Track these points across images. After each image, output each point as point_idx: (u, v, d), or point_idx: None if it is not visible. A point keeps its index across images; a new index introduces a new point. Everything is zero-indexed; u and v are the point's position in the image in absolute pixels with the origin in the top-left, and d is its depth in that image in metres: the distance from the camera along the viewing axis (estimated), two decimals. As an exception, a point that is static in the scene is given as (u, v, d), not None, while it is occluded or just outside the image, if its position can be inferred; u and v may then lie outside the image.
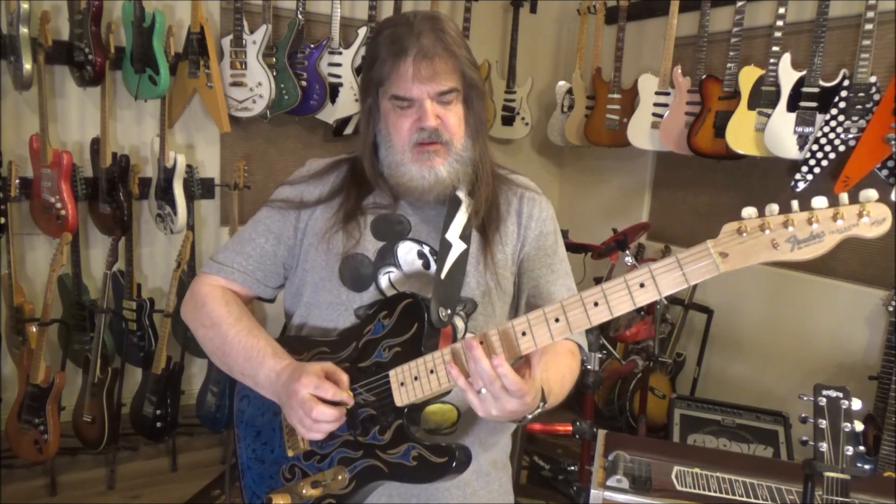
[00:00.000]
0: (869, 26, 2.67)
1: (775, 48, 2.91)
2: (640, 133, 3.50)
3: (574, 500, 2.49)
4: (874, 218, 0.85)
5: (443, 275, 1.17)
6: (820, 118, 2.83)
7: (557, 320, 0.99)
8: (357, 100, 3.40)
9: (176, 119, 3.31)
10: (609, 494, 1.66)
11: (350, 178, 1.30)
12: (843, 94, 2.76)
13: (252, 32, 3.21)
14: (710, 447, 2.73)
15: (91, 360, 2.89)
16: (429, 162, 1.18)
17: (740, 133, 3.03)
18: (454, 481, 1.19)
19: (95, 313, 2.92)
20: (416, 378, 1.08)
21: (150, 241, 3.40)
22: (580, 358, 1.27)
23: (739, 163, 3.29)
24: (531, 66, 4.23)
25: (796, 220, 0.87)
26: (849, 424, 1.30)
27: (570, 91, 3.92)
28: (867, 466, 1.32)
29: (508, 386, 0.97)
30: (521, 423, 1.14)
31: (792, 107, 2.89)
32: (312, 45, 3.36)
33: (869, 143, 2.69)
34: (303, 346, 1.23)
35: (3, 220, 2.82)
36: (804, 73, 2.86)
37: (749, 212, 0.90)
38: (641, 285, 0.93)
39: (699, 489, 1.67)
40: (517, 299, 1.31)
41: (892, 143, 2.60)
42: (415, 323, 1.11)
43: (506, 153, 4.33)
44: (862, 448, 1.30)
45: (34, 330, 2.81)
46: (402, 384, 1.09)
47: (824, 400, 1.32)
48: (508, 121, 4.09)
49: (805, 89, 2.86)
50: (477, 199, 1.23)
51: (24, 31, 2.75)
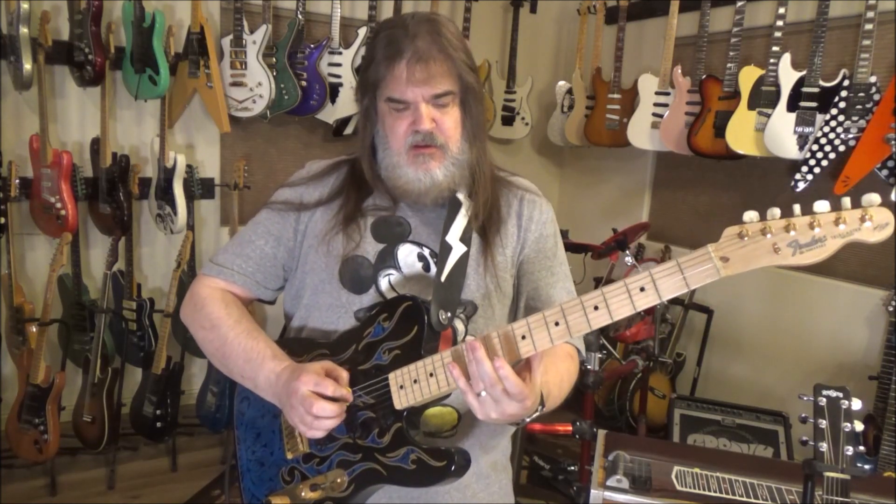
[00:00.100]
0: (869, 26, 2.67)
1: (775, 48, 2.91)
2: (640, 133, 3.50)
3: (574, 500, 2.49)
4: (877, 223, 0.84)
5: (443, 277, 1.17)
6: (820, 118, 2.83)
7: (557, 324, 0.98)
8: (357, 100, 3.41)
9: (176, 119, 3.31)
10: (609, 494, 1.65)
11: (350, 179, 1.30)
12: (843, 94, 2.75)
13: (252, 32, 3.21)
14: (710, 447, 2.73)
15: (91, 360, 2.89)
16: (424, 165, 1.18)
17: (740, 133, 3.03)
18: (454, 484, 1.19)
19: (95, 313, 2.92)
20: (415, 381, 1.08)
21: (150, 241, 3.40)
22: (578, 361, 1.27)
23: (739, 163, 3.29)
24: (531, 66, 4.23)
25: (798, 225, 0.87)
26: (849, 424, 1.29)
27: (570, 91, 3.92)
28: (867, 466, 1.32)
29: (509, 389, 0.97)
30: (519, 425, 1.13)
31: (792, 107, 2.89)
32: (312, 45, 3.36)
33: (869, 143, 2.69)
34: (302, 348, 1.23)
35: (3, 220, 2.82)
36: (804, 73, 2.86)
37: (750, 215, 0.89)
38: (642, 289, 0.93)
39: (699, 489, 1.67)
40: (516, 302, 1.30)
41: (892, 143, 2.60)
42: (415, 325, 1.11)
43: (506, 153, 4.33)
44: (862, 448, 1.30)
45: (34, 330, 2.81)
46: (401, 387, 1.09)
47: (824, 400, 1.31)
48: (508, 121, 4.09)
49: (805, 89, 2.86)
50: (476, 203, 1.23)
51: (24, 31, 2.75)
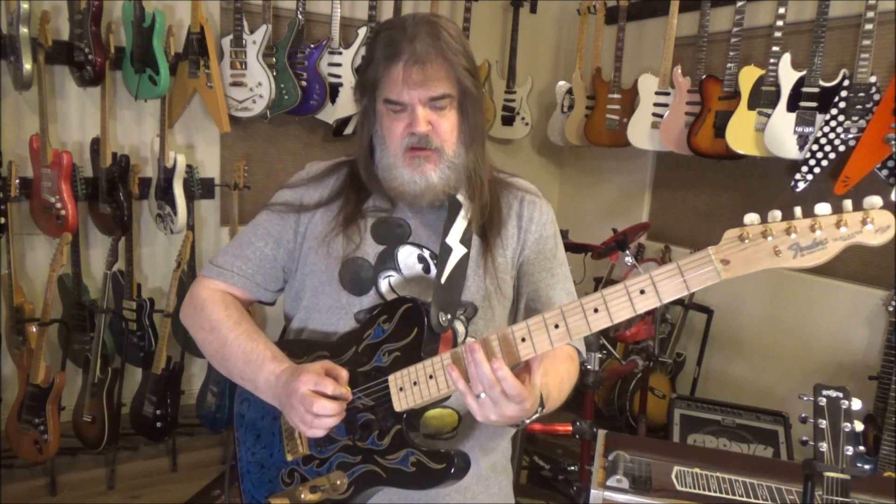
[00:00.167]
0: (869, 26, 2.67)
1: (775, 48, 2.91)
2: (640, 133, 3.49)
3: (574, 500, 2.49)
4: (878, 225, 0.84)
5: (443, 279, 1.17)
6: (820, 118, 2.83)
7: (557, 326, 0.98)
8: (356, 100, 3.41)
9: (176, 119, 3.30)
10: (609, 494, 1.65)
11: (350, 181, 1.30)
12: (843, 94, 2.75)
13: (252, 32, 3.21)
14: (710, 447, 2.73)
15: (91, 360, 2.89)
16: (420, 168, 1.18)
17: (740, 133, 3.03)
18: (454, 486, 1.19)
19: (95, 313, 2.92)
20: (415, 383, 1.07)
21: (150, 241, 3.40)
22: (579, 362, 1.27)
23: (739, 163, 3.29)
24: (531, 66, 4.23)
25: (799, 227, 0.86)
26: (849, 424, 1.29)
27: (570, 91, 3.91)
28: (867, 466, 1.32)
29: (508, 390, 0.97)
30: (518, 427, 1.13)
31: (792, 107, 2.89)
32: (312, 45, 3.36)
33: (869, 143, 2.69)
34: (302, 349, 1.23)
35: (3, 220, 2.82)
36: (804, 73, 2.86)
37: (751, 218, 0.88)
38: (642, 292, 0.92)
39: (699, 489, 1.67)
40: (516, 303, 1.30)
41: (892, 143, 2.59)
42: (415, 327, 1.11)
43: (506, 153, 4.33)
44: (862, 448, 1.30)
45: (34, 330, 2.81)
46: (401, 389, 1.09)
47: (824, 400, 1.31)
48: (508, 121, 4.09)
49: (805, 89, 2.86)
50: (475, 206, 1.23)
51: (24, 31, 2.74)
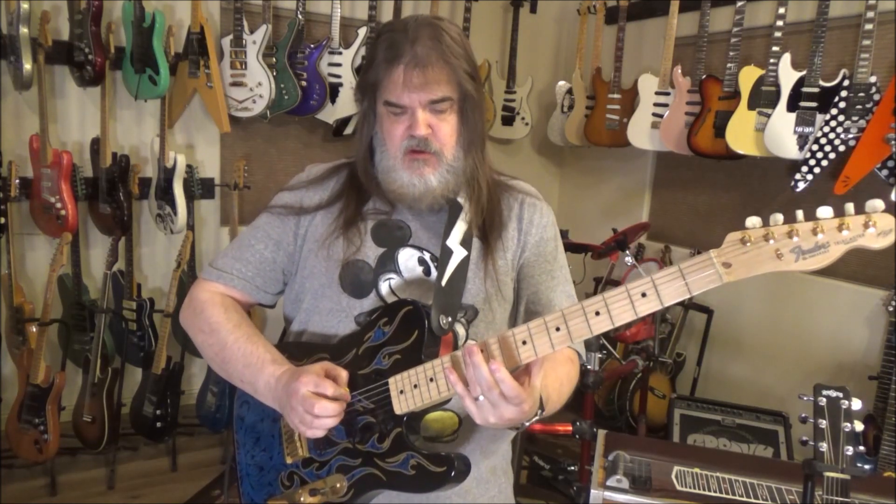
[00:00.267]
0: (869, 26, 2.67)
1: (775, 48, 2.91)
2: (640, 133, 3.49)
3: (574, 500, 2.49)
4: (880, 229, 0.84)
5: (443, 282, 1.17)
6: (820, 118, 2.82)
7: (558, 329, 0.98)
8: (357, 100, 3.41)
9: (176, 119, 3.30)
10: (609, 494, 1.65)
11: (350, 183, 1.30)
12: (843, 94, 2.75)
13: (252, 32, 3.20)
14: (710, 447, 2.74)
15: (91, 360, 2.89)
16: (419, 170, 1.18)
17: (740, 133, 3.03)
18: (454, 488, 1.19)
19: (95, 313, 2.92)
20: (415, 386, 1.07)
21: (150, 241, 3.40)
22: (579, 365, 1.27)
23: (739, 163, 3.29)
24: (531, 66, 4.23)
25: (801, 231, 0.86)
26: (849, 424, 1.29)
27: (570, 91, 3.91)
28: (867, 466, 1.32)
29: (506, 392, 0.97)
30: (518, 430, 1.13)
31: (792, 107, 2.89)
32: (312, 45, 3.35)
33: (869, 143, 2.69)
34: (302, 352, 1.23)
35: (3, 220, 2.82)
36: (804, 73, 2.86)
37: (753, 221, 0.88)
38: (643, 295, 0.92)
39: (699, 489, 1.67)
40: (516, 306, 1.30)
41: (892, 143, 2.59)
42: (415, 330, 1.11)
43: (506, 153, 4.33)
44: (862, 448, 1.30)
45: (34, 330, 2.81)
46: (401, 392, 1.09)
47: (824, 400, 1.31)
48: (508, 121, 4.09)
49: (805, 89, 2.86)
50: (475, 208, 1.23)
51: (24, 31, 2.74)
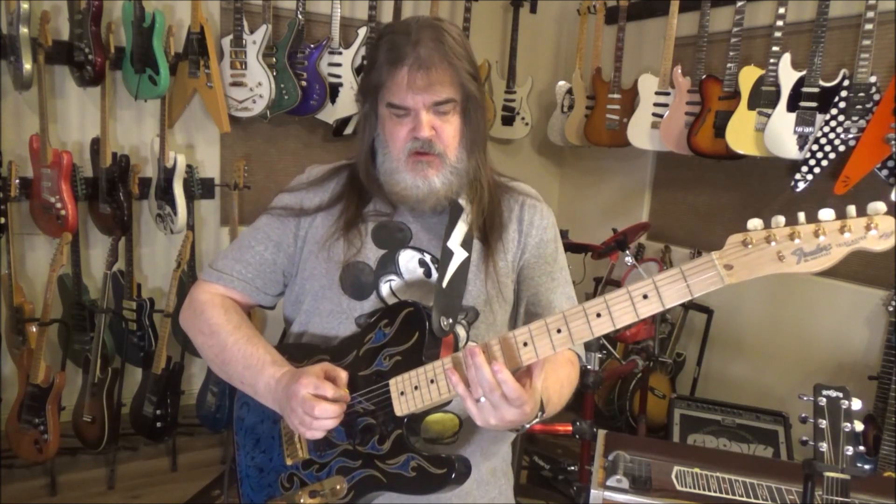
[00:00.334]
0: (869, 26, 2.67)
1: (775, 48, 2.91)
2: (640, 133, 3.49)
3: (574, 500, 2.49)
4: (882, 231, 0.84)
5: (444, 283, 1.17)
6: (820, 118, 2.82)
7: (560, 331, 0.98)
8: (358, 101, 3.41)
9: (176, 119, 3.30)
10: (609, 494, 1.65)
11: (350, 185, 1.30)
12: (843, 94, 2.75)
13: (252, 32, 3.20)
14: (710, 447, 2.74)
15: (91, 360, 2.89)
16: (423, 172, 1.18)
17: (740, 133, 3.03)
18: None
19: (95, 313, 2.92)
20: (416, 388, 1.07)
21: (150, 241, 3.40)
22: (579, 366, 1.27)
23: (739, 163, 3.29)
24: (531, 66, 4.22)
25: (803, 233, 0.86)
26: (849, 424, 1.29)
27: (570, 91, 3.91)
28: (867, 466, 1.32)
29: (508, 394, 0.97)
30: (519, 431, 1.13)
31: (792, 107, 2.89)
32: (312, 45, 3.35)
33: (869, 143, 2.69)
34: (302, 353, 1.23)
35: (3, 220, 2.82)
36: (804, 73, 2.86)
37: (754, 223, 0.88)
38: (645, 296, 0.92)
39: (699, 489, 1.67)
40: (516, 307, 1.30)
41: (892, 143, 2.59)
42: (416, 332, 1.11)
43: (506, 153, 4.33)
44: (862, 448, 1.30)
45: (34, 330, 2.81)
46: (402, 393, 1.09)
47: (824, 400, 1.31)
48: (508, 121, 4.09)
49: (805, 89, 2.86)
50: (476, 210, 1.23)
51: (24, 31, 2.74)
